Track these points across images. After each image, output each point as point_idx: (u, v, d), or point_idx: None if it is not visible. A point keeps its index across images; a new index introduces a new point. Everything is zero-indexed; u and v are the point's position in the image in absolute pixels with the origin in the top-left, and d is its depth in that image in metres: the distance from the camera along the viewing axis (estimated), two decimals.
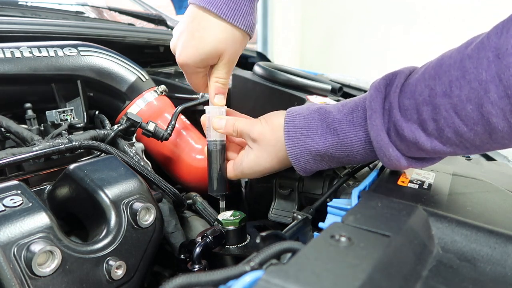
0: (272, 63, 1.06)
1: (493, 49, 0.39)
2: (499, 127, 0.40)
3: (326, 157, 0.55)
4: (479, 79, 0.39)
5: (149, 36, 1.15)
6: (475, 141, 0.43)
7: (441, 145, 0.45)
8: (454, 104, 0.42)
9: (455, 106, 0.42)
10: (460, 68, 0.41)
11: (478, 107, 0.40)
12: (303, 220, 0.57)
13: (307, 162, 0.57)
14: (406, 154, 0.49)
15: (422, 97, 0.45)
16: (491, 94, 0.39)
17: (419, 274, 0.34)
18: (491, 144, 0.43)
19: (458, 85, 0.41)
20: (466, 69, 0.41)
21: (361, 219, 0.38)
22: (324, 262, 0.30)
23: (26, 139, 0.68)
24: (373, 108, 0.49)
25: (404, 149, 0.49)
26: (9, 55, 0.73)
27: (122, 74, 0.85)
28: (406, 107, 0.46)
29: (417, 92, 0.45)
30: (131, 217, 0.53)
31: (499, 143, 0.42)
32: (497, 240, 0.38)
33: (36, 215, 0.46)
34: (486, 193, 0.52)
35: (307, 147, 0.55)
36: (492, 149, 0.45)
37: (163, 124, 0.84)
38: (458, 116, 0.42)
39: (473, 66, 0.40)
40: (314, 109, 0.57)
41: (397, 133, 0.47)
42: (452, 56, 0.43)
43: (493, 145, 0.43)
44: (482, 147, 0.44)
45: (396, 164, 0.50)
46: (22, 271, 0.42)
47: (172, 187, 0.70)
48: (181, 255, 0.60)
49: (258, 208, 0.75)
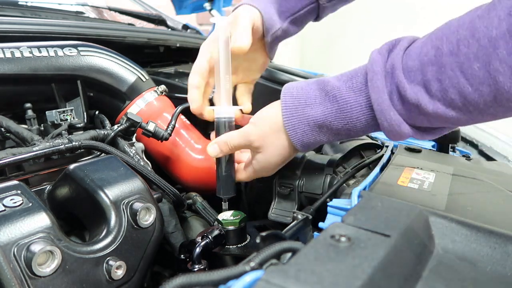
0: (272, 63, 1.06)
1: (505, 8, 0.39)
2: (505, 87, 0.39)
3: (325, 127, 0.54)
4: (489, 36, 0.39)
5: (149, 36, 1.15)
6: (479, 104, 0.42)
7: (443, 107, 0.44)
8: (461, 62, 0.41)
9: (461, 65, 0.41)
10: (469, 28, 0.41)
11: (485, 65, 0.40)
12: (303, 220, 0.57)
13: (304, 133, 0.55)
14: (408, 120, 0.49)
15: (427, 57, 0.44)
16: (500, 51, 0.38)
17: (419, 274, 0.34)
18: (494, 107, 0.42)
19: (466, 43, 0.41)
20: (476, 27, 0.40)
21: (361, 219, 0.38)
22: (324, 262, 0.30)
23: (26, 139, 0.68)
24: (375, 70, 0.48)
25: (406, 114, 0.48)
26: (9, 55, 0.73)
27: (122, 74, 0.85)
28: (410, 68, 0.46)
29: (422, 53, 0.45)
30: (131, 217, 0.53)
31: (503, 107, 0.42)
32: (497, 240, 0.38)
33: (36, 215, 0.46)
34: (486, 193, 0.52)
35: (305, 116, 0.54)
36: (495, 115, 0.44)
37: (163, 124, 0.84)
38: (464, 75, 0.41)
39: (483, 25, 0.40)
40: (312, 81, 0.56)
41: (399, 95, 0.47)
42: (461, 18, 0.43)
43: (497, 109, 0.42)
44: (485, 111, 0.43)
45: (397, 130, 0.49)
46: (22, 271, 0.42)
47: (172, 187, 0.70)
48: (181, 255, 0.60)
49: (258, 208, 0.75)
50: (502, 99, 0.41)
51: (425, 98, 0.45)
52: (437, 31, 0.45)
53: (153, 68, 1.20)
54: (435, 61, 0.44)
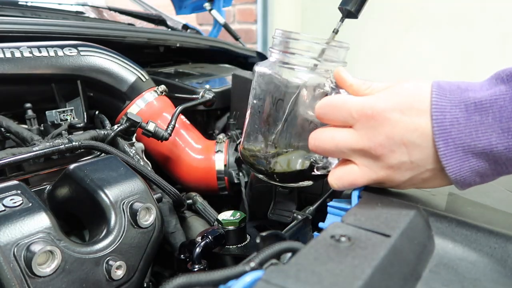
0: None
1: None
2: None
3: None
4: None
5: (149, 36, 1.15)
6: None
7: None
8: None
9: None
10: None
11: None
12: (303, 220, 0.57)
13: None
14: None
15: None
16: None
17: (419, 274, 0.34)
18: None
19: None
20: None
21: (361, 219, 0.38)
22: (324, 262, 0.30)
23: (26, 139, 0.68)
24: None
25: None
26: (9, 55, 0.73)
27: (122, 74, 0.85)
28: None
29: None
30: (131, 217, 0.53)
31: None
32: (497, 240, 0.38)
33: (36, 215, 0.46)
34: (486, 193, 0.52)
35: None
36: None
37: (163, 124, 0.84)
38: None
39: None
40: (471, 109, 0.37)
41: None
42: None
43: None
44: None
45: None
46: (22, 271, 0.42)
47: (172, 187, 0.70)
48: (181, 255, 0.60)
49: (258, 208, 0.75)
50: None
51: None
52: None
53: (153, 68, 1.20)
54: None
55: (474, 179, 0.39)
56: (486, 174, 0.39)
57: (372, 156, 0.42)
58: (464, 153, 0.38)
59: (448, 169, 0.39)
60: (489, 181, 0.40)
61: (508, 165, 0.38)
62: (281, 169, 0.57)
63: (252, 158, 0.60)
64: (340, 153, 0.45)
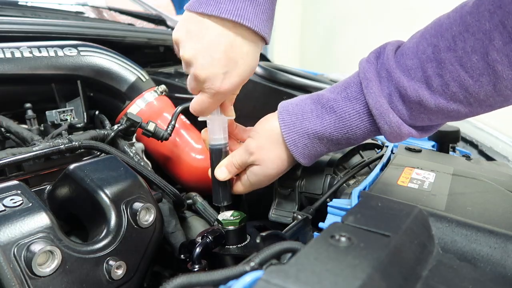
0: (272, 63, 1.06)
1: (492, 2, 0.41)
2: (504, 75, 0.42)
3: (325, 138, 0.54)
4: (483, 30, 0.41)
5: (149, 36, 1.15)
6: (479, 95, 0.44)
7: (445, 101, 0.46)
8: (459, 57, 0.43)
9: (460, 59, 0.43)
10: (461, 24, 0.43)
11: (483, 56, 0.42)
12: (303, 220, 0.57)
13: (305, 146, 0.56)
14: (408, 121, 0.50)
15: (425, 55, 0.46)
16: (496, 42, 0.41)
17: (419, 274, 0.34)
18: (494, 97, 0.44)
19: (462, 38, 0.43)
20: (468, 23, 0.43)
21: (361, 219, 0.38)
22: (324, 262, 0.30)
23: (26, 139, 0.68)
24: (368, 77, 0.50)
25: (407, 113, 0.49)
26: (9, 55, 0.73)
27: (122, 74, 0.85)
28: (410, 67, 0.47)
29: (419, 51, 0.47)
30: (131, 217, 0.53)
31: (502, 96, 0.44)
32: (497, 240, 0.38)
33: (36, 215, 0.46)
34: (486, 193, 0.52)
35: (304, 130, 0.55)
36: (494, 105, 0.46)
37: (163, 124, 0.84)
38: (464, 69, 0.43)
39: (475, 20, 0.42)
40: (306, 96, 0.57)
41: (400, 94, 0.48)
42: (450, 16, 0.46)
43: (496, 98, 0.44)
44: (485, 101, 0.45)
45: (397, 131, 0.50)
46: (22, 271, 0.42)
47: (172, 187, 0.70)
48: (181, 255, 0.60)
49: (258, 208, 0.75)
50: (501, 87, 0.43)
51: (426, 94, 0.46)
52: (429, 29, 0.47)
53: (153, 68, 1.20)
54: (434, 58, 0.45)
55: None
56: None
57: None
58: (309, 156, 0.57)
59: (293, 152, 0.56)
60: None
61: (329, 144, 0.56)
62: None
63: None
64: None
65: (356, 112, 0.52)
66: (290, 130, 0.55)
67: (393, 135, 0.51)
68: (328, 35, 3.67)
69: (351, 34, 3.37)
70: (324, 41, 3.74)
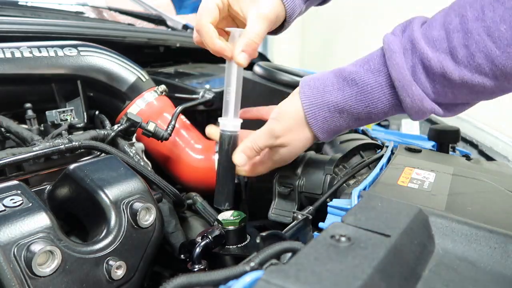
0: (272, 63, 1.06)
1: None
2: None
3: (345, 112, 0.54)
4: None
5: (149, 36, 1.15)
6: (506, 67, 0.43)
7: (469, 74, 0.45)
8: (487, 26, 0.43)
9: (488, 29, 0.43)
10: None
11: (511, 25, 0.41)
12: (303, 220, 0.57)
13: (325, 120, 0.55)
14: (431, 94, 0.49)
15: (452, 25, 0.46)
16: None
17: (419, 274, 0.34)
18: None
19: (491, 8, 0.43)
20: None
21: (361, 219, 0.38)
22: (324, 262, 0.30)
23: (26, 139, 0.68)
24: (392, 49, 0.49)
25: (429, 87, 0.48)
26: (9, 55, 0.73)
27: (122, 74, 0.85)
28: (435, 37, 0.47)
29: (446, 22, 0.46)
30: (131, 217, 0.53)
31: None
32: (497, 240, 0.38)
33: (36, 215, 0.46)
34: (486, 193, 0.52)
35: (325, 102, 0.54)
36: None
37: (163, 124, 0.84)
38: (491, 39, 0.43)
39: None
40: (328, 71, 0.57)
41: (423, 66, 0.48)
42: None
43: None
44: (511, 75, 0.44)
45: (419, 106, 0.49)
46: (22, 271, 0.42)
47: (172, 187, 0.70)
48: (181, 255, 0.60)
49: (258, 208, 0.75)
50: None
51: (451, 66, 0.46)
52: (457, 1, 0.47)
53: (153, 68, 1.20)
54: (461, 28, 0.45)
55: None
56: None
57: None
58: (328, 131, 0.57)
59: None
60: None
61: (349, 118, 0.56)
62: None
63: None
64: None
65: (378, 84, 0.51)
66: (311, 103, 0.55)
67: (415, 109, 0.50)
68: (328, 35, 3.67)
69: (351, 34, 3.37)
70: (324, 41, 3.74)
